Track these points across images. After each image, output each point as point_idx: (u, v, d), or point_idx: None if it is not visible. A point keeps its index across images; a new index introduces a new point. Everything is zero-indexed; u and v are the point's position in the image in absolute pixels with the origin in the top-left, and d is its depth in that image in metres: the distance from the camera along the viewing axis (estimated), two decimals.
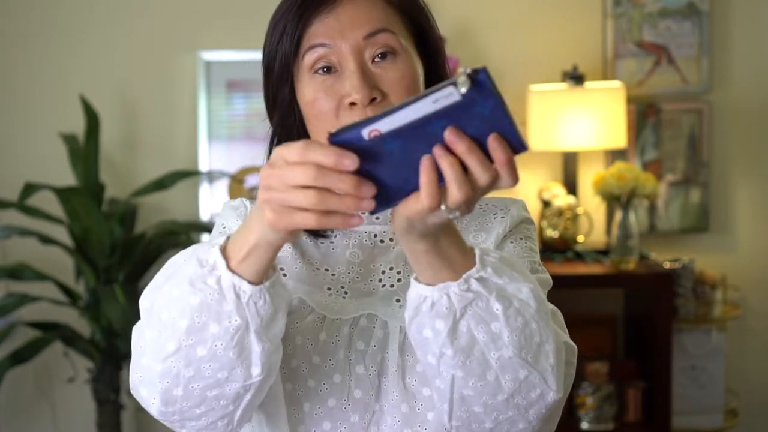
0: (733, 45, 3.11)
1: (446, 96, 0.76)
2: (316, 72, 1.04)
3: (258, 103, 3.07)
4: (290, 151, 0.80)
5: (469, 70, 0.76)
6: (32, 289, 2.87)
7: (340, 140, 0.78)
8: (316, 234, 1.12)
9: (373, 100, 1.02)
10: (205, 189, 3.07)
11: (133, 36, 3.08)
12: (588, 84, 2.92)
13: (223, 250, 0.90)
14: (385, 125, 0.77)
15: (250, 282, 0.88)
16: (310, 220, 0.80)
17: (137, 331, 0.96)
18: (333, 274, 1.10)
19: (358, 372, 1.05)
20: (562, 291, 1.18)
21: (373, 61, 1.04)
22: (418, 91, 1.06)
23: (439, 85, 0.76)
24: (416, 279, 0.90)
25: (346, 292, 1.09)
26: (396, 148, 0.78)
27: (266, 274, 0.89)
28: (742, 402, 3.07)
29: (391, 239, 1.13)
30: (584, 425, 2.81)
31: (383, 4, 1.06)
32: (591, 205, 3.04)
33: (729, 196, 3.13)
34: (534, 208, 2.99)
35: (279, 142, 1.12)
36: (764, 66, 3.11)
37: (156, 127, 3.10)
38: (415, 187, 0.80)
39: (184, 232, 2.89)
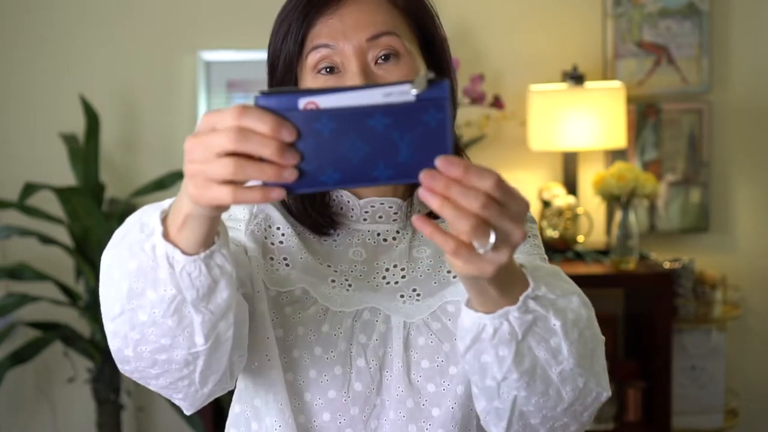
0: (733, 45, 3.11)
1: (400, 93, 0.73)
2: (319, 72, 1.05)
3: None
4: (223, 115, 0.74)
5: (431, 76, 0.73)
6: (32, 289, 2.87)
7: (268, 103, 0.74)
8: (319, 231, 1.12)
9: None
10: None
11: (133, 36, 3.08)
12: (588, 84, 2.92)
13: (165, 217, 0.86)
14: (326, 101, 0.73)
15: (185, 252, 0.84)
16: (226, 195, 0.75)
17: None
18: (335, 271, 1.10)
19: (359, 365, 1.06)
20: None
21: (376, 62, 1.04)
22: None
23: (395, 81, 0.74)
24: (469, 305, 0.88)
25: (350, 285, 1.09)
26: (326, 130, 0.73)
27: (206, 243, 0.85)
28: (742, 402, 3.07)
29: (394, 238, 1.13)
30: None
31: (388, 6, 1.06)
32: (591, 205, 3.04)
33: (729, 196, 3.13)
34: (534, 208, 3.00)
35: None
36: (764, 66, 3.11)
37: (156, 127, 3.10)
38: (326, 181, 0.75)
39: None
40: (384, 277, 1.11)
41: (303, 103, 0.74)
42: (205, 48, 3.05)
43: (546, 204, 2.97)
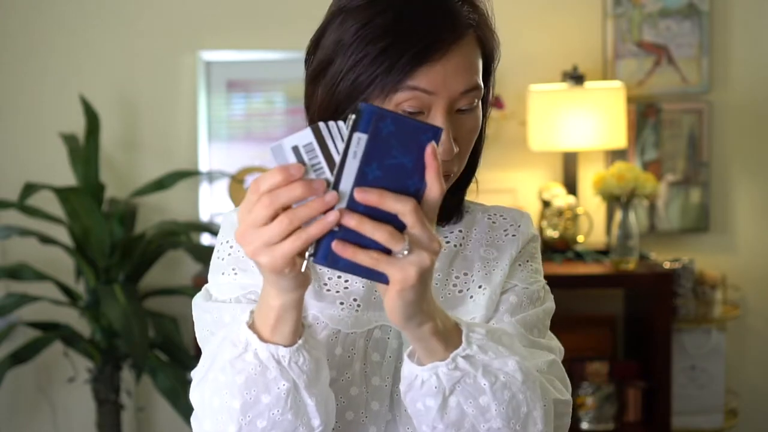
0: (733, 45, 3.11)
1: (357, 142, 0.81)
2: (402, 111, 1.01)
3: (258, 103, 3.09)
4: (248, 197, 0.84)
5: (352, 114, 0.81)
6: (32, 289, 2.87)
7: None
8: None
9: None
10: (205, 189, 3.07)
11: (133, 36, 3.08)
12: (588, 84, 2.92)
13: (251, 326, 0.92)
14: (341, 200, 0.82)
15: (285, 345, 0.91)
16: (296, 243, 0.81)
17: (195, 422, 1.00)
18: (346, 280, 1.09)
19: (375, 383, 1.06)
20: (562, 291, 1.19)
21: (456, 110, 1.03)
22: (478, 136, 1.08)
23: (345, 142, 0.81)
24: (409, 356, 0.94)
25: (359, 305, 1.09)
26: (359, 208, 0.82)
27: (298, 330, 0.91)
28: (742, 402, 3.07)
29: None
30: (584, 425, 2.81)
31: (479, 50, 1.05)
32: (591, 205, 3.04)
33: (729, 196, 3.13)
34: (534, 208, 3.00)
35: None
36: (764, 66, 3.11)
37: (156, 127, 3.10)
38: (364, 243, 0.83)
39: (184, 232, 2.89)
40: None
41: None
42: (205, 48, 3.05)
43: (546, 204, 2.97)
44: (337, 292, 1.09)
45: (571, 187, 3.00)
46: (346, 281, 1.09)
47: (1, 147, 3.09)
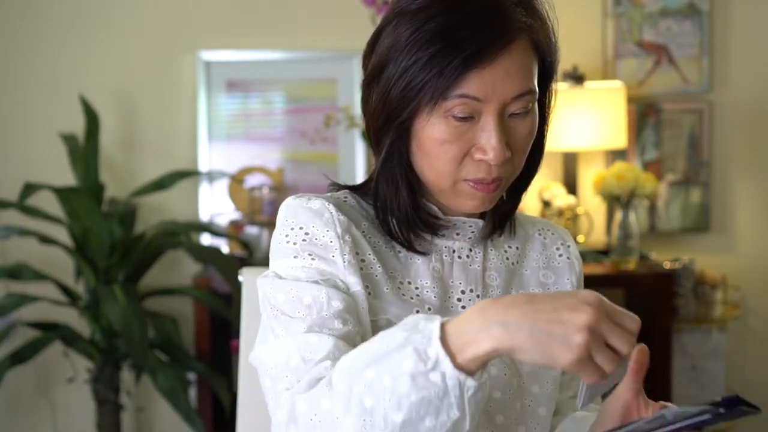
0: (733, 45, 3.11)
1: (700, 415, 0.88)
2: (453, 117, 1.01)
3: (257, 103, 3.09)
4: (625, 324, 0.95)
5: (722, 401, 0.87)
6: (32, 289, 2.87)
7: None
8: (410, 247, 1.10)
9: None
10: (204, 189, 3.07)
11: (133, 36, 3.08)
12: (588, 84, 2.92)
13: (443, 343, 0.86)
14: None
15: (471, 375, 0.86)
16: (594, 376, 0.88)
17: (315, 402, 0.92)
18: (417, 288, 1.09)
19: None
20: None
21: (509, 115, 1.03)
22: (537, 140, 1.09)
23: (695, 411, 0.87)
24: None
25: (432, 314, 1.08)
26: None
27: (485, 365, 0.88)
28: None
29: (467, 256, 1.13)
30: None
31: (533, 54, 1.04)
32: (591, 205, 3.04)
33: (729, 196, 3.13)
34: (534, 208, 2.99)
35: (386, 165, 1.08)
36: (764, 66, 3.11)
37: (156, 127, 3.10)
38: None
39: (184, 232, 2.89)
40: (459, 299, 1.11)
41: None
42: (205, 48, 3.05)
43: (546, 204, 2.97)
44: (412, 298, 1.09)
45: (571, 187, 3.00)
46: (417, 288, 1.10)
47: (1, 147, 3.09)
